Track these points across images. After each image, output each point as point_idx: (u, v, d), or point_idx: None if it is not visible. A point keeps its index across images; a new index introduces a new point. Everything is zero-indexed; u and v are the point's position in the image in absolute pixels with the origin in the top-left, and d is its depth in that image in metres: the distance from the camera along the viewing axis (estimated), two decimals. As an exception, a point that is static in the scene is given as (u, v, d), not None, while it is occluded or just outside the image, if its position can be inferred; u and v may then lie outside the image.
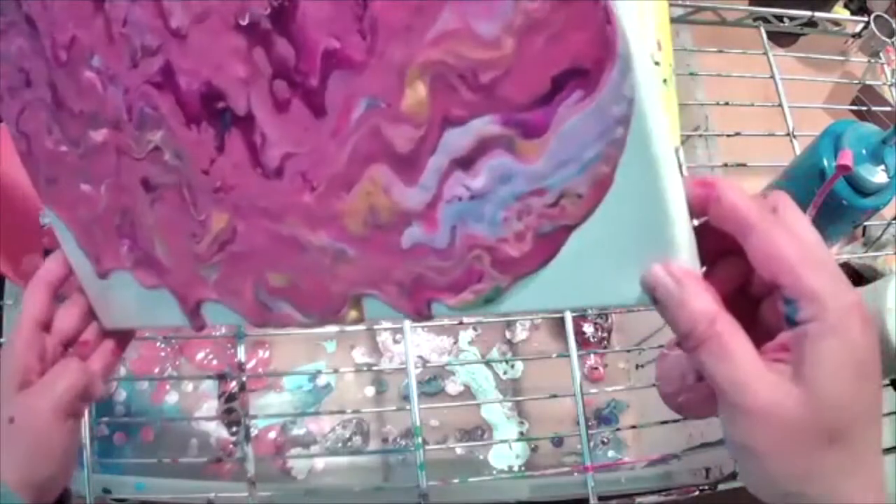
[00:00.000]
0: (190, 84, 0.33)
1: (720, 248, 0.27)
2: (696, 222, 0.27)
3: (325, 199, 0.32)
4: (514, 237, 0.29)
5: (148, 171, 0.36)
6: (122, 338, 0.42)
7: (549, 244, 0.29)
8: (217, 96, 0.33)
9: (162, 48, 0.33)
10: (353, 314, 0.34)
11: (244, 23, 0.31)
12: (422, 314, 0.32)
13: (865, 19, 0.84)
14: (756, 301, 0.28)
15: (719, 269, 0.28)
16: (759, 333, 0.25)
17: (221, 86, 0.32)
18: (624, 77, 0.25)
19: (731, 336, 0.24)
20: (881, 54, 0.85)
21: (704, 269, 0.27)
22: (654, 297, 0.26)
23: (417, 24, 0.28)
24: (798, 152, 0.66)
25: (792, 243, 0.24)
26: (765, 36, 0.75)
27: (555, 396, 0.64)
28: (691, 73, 0.77)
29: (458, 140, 0.29)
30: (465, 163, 0.29)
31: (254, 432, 0.84)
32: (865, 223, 0.76)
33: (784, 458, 0.24)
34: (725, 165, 0.72)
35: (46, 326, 0.38)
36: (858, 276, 0.89)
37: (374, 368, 0.92)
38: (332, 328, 0.91)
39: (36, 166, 0.39)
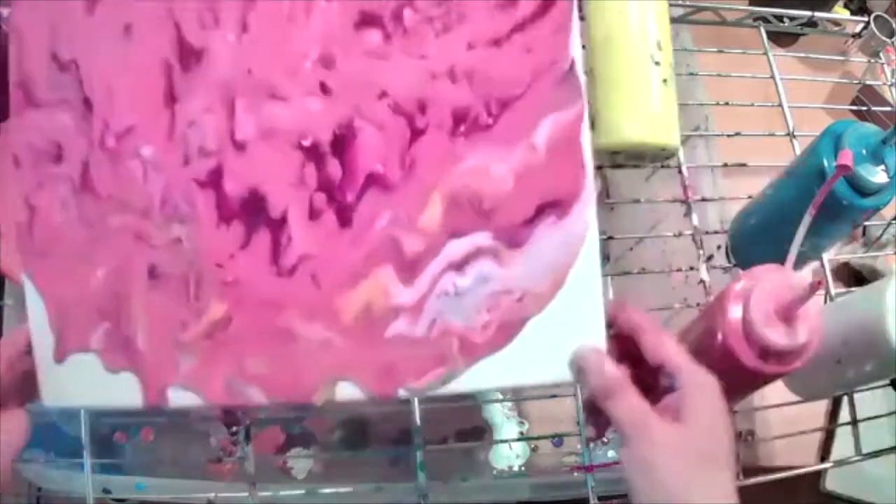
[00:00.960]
0: (235, 188, 0.36)
1: (623, 349, 0.39)
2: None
3: (328, 295, 0.37)
4: (481, 326, 0.37)
5: (159, 259, 0.37)
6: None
7: (508, 331, 0.37)
8: (259, 201, 0.37)
9: (219, 152, 0.36)
10: (324, 398, 0.38)
11: (306, 144, 0.36)
12: (389, 397, 0.37)
13: (865, 19, 0.84)
14: (648, 375, 0.39)
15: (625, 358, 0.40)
16: (654, 396, 0.38)
17: (265, 192, 0.36)
18: (586, 206, 0.37)
19: (632, 392, 0.36)
20: (881, 54, 0.85)
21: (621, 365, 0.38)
22: (579, 365, 0.37)
23: (449, 160, 0.36)
24: (798, 152, 0.66)
25: (669, 341, 0.38)
26: (765, 36, 0.75)
27: (555, 396, 0.64)
28: (691, 73, 0.77)
29: (457, 248, 0.37)
30: (458, 265, 0.37)
31: (254, 432, 0.84)
32: (865, 223, 0.76)
33: (673, 471, 0.35)
34: (725, 165, 0.72)
35: None
36: (858, 276, 0.89)
37: (374, 368, 0.92)
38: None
39: (30, 237, 0.38)
